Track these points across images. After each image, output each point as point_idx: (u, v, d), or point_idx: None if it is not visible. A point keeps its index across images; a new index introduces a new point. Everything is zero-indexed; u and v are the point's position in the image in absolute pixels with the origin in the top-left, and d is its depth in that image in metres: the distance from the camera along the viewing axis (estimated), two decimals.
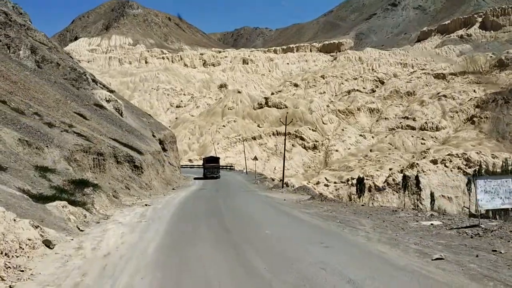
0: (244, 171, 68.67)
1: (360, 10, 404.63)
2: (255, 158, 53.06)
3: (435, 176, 73.15)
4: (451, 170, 76.08)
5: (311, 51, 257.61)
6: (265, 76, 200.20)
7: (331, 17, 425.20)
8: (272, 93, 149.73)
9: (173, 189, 31.06)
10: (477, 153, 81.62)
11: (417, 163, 79.66)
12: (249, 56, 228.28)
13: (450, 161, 78.81)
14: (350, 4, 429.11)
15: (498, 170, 70.18)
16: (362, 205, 25.88)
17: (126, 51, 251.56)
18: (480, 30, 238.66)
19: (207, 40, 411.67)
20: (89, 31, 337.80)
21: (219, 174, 51.55)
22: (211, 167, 50.08)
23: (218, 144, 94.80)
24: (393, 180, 74.44)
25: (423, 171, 75.32)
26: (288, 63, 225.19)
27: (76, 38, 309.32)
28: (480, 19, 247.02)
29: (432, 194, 53.81)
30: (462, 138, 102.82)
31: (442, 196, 70.81)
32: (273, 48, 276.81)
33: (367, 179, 77.18)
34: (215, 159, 53.23)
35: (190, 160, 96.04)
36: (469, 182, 61.70)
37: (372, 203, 73.18)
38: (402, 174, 77.36)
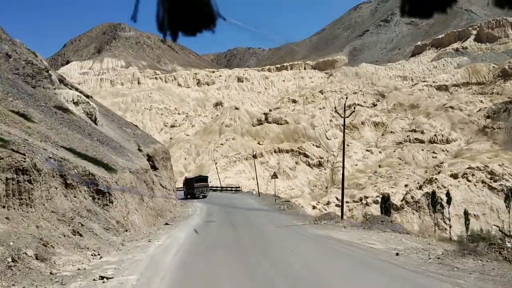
0: (254, 192, 60.74)
1: (352, 27, 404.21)
2: (275, 176, 44.82)
3: (457, 192, 66.36)
4: (475, 185, 69.36)
5: (305, 69, 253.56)
6: (261, 94, 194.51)
7: (324, 35, 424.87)
8: (270, 110, 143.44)
9: (166, 224, 22.98)
10: (500, 165, 75.12)
11: (436, 178, 72.97)
12: (243, 74, 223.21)
13: (473, 174, 72.18)
14: (342, 22, 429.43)
15: None
16: None
17: (118, 72, 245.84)
18: (476, 42, 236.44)
19: (200, 61, 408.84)
20: (80, 55, 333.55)
21: (207, 193, 52.12)
22: (200, 187, 50.73)
23: (216, 163, 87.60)
24: (412, 197, 67.58)
25: (444, 187, 68.53)
26: (284, 80, 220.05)
27: (67, 62, 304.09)
28: (474, 32, 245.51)
29: (466, 213, 46.83)
30: (476, 151, 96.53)
31: (467, 213, 63.72)
32: (267, 67, 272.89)
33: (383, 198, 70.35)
34: (204, 179, 54.00)
35: None
36: (508, 197, 55.24)
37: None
38: (420, 191, 70.70)
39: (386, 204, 46.98)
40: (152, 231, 19.69)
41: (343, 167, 30.34)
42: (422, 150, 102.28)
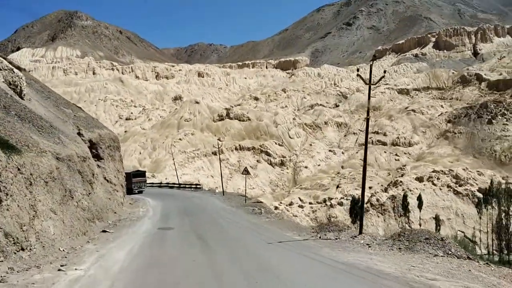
0: (217, 191, 55.17)
1: (315, 29, 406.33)
2: (246, 171, 38.73)
3: (423, 195, 64.38)
4: (440, 189, 67.83)
5: (267, 67, 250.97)
6: (222, 90, 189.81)
7: (286, 35, 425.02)
8: (232, 106, 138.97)
9: (104, 231, 17.40)
10: (464, 169, 74.17)
11: (401, 181, 71.00)
12: (204, 70, 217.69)
13: (438, 178, 70.71)
14: (305, 23, 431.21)
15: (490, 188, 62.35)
16: None
17: (72, 62, 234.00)
18: (434, 49, 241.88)
19: (160, 54, 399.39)
20: (33, 42, 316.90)
21: (144, 188, 52.11)
22: (138, 182, 50.87)
23: (174, 159, 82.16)
24: (377, 200, 65.13)
25: (409, 190, 66.55)
26: (245, 78, 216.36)
27: (18, 49, 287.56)
28: (433, 39, 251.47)
29: (437, 218, 44.33)
30: (438, 154, 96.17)
31: (433, 218, 61.95)
32: (229, 64, 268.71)
33: (347, 199, 67.58)
34: (142, 173, 54.38)
35: None
36: (480, 203, 53.49)
37: (356, 227, 63.42)
38: (386, 193, 68.51)
39: (356, 206, 43.64)
40: (76, 246, 13.80)
41: (365, 154, 21.11)
42: (385, 152, 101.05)
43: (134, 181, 50.47)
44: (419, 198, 51.42)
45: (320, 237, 19.72)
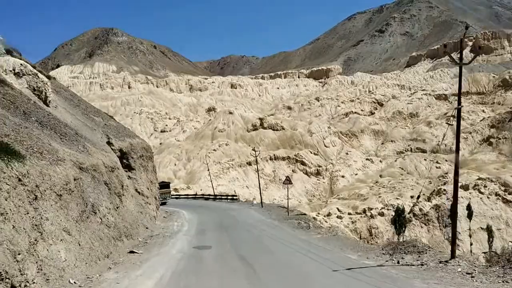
0: (254, 202, 52.77)
1: (346, 37, 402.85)
2: (288, 181, 34.51)
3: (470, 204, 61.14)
4: (488, 197, 64.29)
5: (299, 77, 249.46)
6: (255, 100, 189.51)
7: (317, 45, 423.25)
8: (265, 116, 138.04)
9: (132, 252, 15.40)
10: None
11: (445, 190, 67.71)
12: (237, 81, 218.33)
13: (485, 186, 67.13)
14: (336, 32, 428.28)
15: None
16: None
17: (109, 77, 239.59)
18: (472, 54, 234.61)
19: (193, 68, 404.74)
20: (71, 59, 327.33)
21: (169, 199, 51.01)
22: (163, 193, 48.64)
23: (208, 170, 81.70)
24: (420, 210, 62.26)
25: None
26: (278, 88, 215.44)
27: (58, 66, 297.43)
28: (470, 43, 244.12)
29: (489, 229, 41.29)
30: (482, 161, 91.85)
31: (481, 228, 58.58)
32: (261, 75, 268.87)
33: (388, 210, 65.01)
34: (166, 185, 53.84)
35: (175, 189, 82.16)
36: None
37: (398, 239, 60.75)
38: (429, 203, 65.54)
39: (400, 217, 41.23)
40: (92, 275, 11.59)
41: (457, 145, 16.60)
42: (425, 159, 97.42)
43: (160, 192, 50.01)
44: (468, 208, 48.45)
45: (398, 262, 15.47)
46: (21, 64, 15.33)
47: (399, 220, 40.88)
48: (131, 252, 15.48)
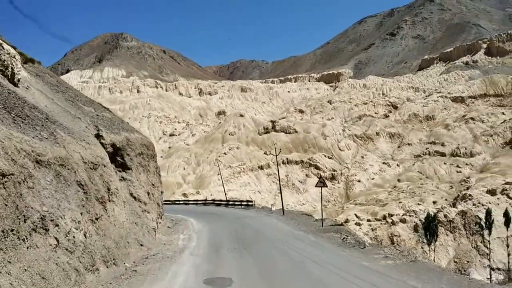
0: (273, 209, 46.15)
1: (357, 41, 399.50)
2: (322, 183, 28.04)
3: (498, 210, 57.09)
4: None
5: (309, 81, 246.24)
6: (266, 104, 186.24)
7: (328, 49, 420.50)
8: (277, 119, 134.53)
9: None
10: None
11: (470, 195, 63.79)
12: (247, 85, 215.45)
13: None
14: (347, 36, 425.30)
15: None
16: None
17: (118, 81, 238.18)
18: (486, 56, 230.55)
19: (202, 72, 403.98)
20: (81, 64, 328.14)
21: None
22: None
23: (218, 174, 78.24)
24: (445, 216, 58.23)
25: (481, 204, 59.34)
26: (289, 91, 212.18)
27: (67, 71, 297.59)
28: (485, 46, 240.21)
29: None
30: (505, 165, 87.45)
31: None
32: (271, 79, 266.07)
33: (410, 216, 61.13)
34: None
35: (184, 194, 78.62)
36: None
37: (422, 247, 56.80)
38: (454, 209, 61.56)
39: (431, 225, 37.39)
40: None
41: None
42: (444, 163, 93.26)
43: None
44: (506, 214, 44.49)
45: None
46: None
47: (430, 228, 37.22)
48: None
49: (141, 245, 15.55)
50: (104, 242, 12.09)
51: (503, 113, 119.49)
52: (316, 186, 29.82)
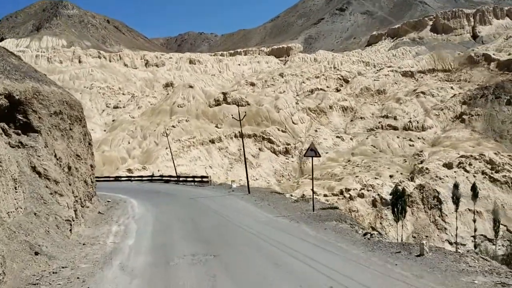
0: (233, 185, 39.12)
1: (307, 16, 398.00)
2: (314, 151, 21.70)
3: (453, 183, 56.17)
4: (474, 176, 59.55)
5: (259, 55, 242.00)
6: (216, 77, 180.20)
7: (278, 23, 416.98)
8: (229, 91, 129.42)
9: None
10: (496, 154, 65.98)
11: (427, 168, 62.68)
12: (196, 57, 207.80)
13: (470, 164, 62.45)
14: (296, 10, 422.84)
15: None
16: None
17: (57, 51, 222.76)
18: (432, 33, 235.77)
19: (149, 44, 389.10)
20: (17, 32, 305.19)
21: None
22: None
23: (166, 148, 73.02)
24: (403, 190, 56.56)
25: (439, 178, 58.22)
26: (239, 64, 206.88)
27: (2, 39, 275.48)
28: (430, 22, 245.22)
29: (495, 213, 35.80)
30: (456, 139, 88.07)
31: (469, 210, 53.77)
32: (220, 52, 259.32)
33: (368, 191, 59.17)
34: None
35: (129, 170, 72.93)
36: None
37: (381, 223, 55.03)
38: (412, 183, 60.23)
39: (400, 200, 34.67)
40: None
41: None
42: (397, 137, 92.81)
43: None
44: (473, 188, 42.79)
45: None
46: None
47: (399, 204, 34.56)
48: None
49: (36, 253, 10.14)
50: None
51: (451, 88, 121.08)
52: (305, 155, 24.65)
